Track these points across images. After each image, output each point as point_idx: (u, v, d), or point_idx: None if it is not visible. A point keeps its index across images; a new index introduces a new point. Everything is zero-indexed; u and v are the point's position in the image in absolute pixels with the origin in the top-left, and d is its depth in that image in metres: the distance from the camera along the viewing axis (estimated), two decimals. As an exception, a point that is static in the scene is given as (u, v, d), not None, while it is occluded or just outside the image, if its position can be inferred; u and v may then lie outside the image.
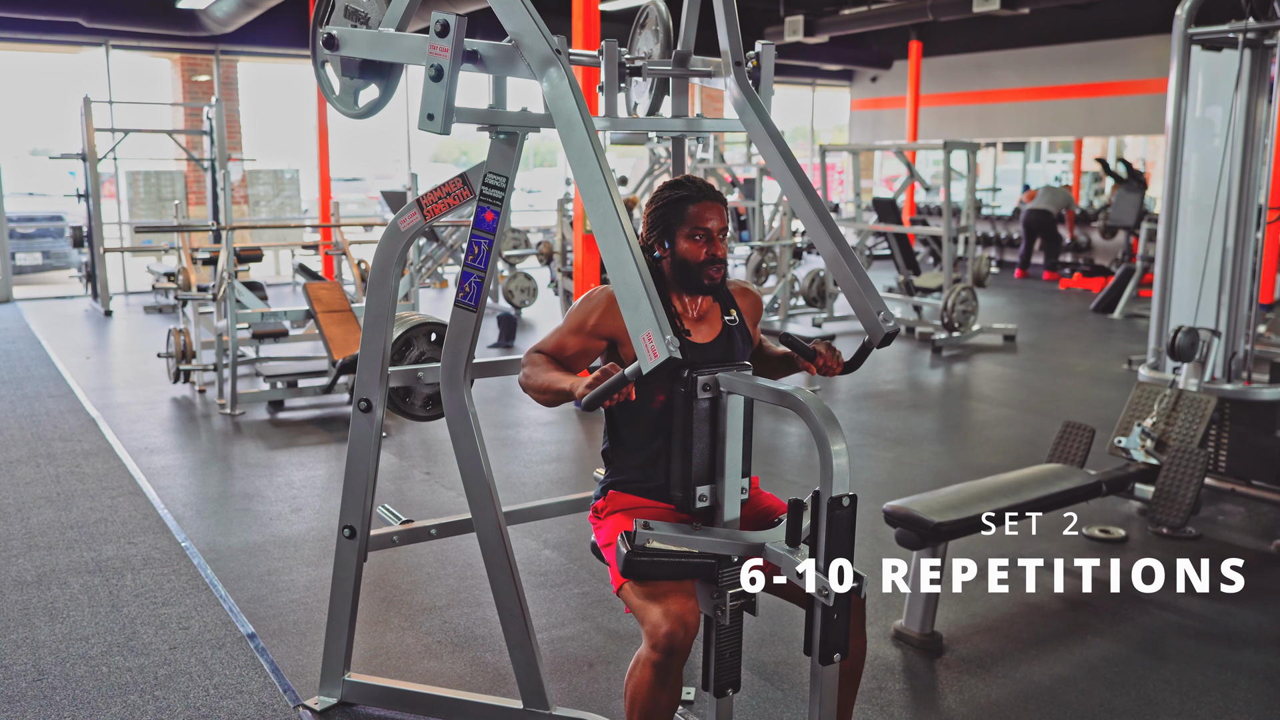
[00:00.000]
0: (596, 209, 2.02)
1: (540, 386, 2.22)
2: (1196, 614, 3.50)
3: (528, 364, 2.29)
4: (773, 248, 9.53)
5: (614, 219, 1.98)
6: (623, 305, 1.94)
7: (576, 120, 2.08)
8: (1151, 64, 12.94)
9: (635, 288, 1.92)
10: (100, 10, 10.76)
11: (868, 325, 2.23)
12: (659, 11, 2.82)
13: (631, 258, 1.94)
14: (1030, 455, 5.28)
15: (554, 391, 2.19)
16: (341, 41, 2.47)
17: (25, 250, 13.21)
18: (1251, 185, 4.65)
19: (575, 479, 5.07)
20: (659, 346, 1.86)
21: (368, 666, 3.07)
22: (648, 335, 1.88)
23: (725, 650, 2.17)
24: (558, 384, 2.18)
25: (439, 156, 26.93)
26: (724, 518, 2.21)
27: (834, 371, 2.32)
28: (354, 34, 2.46)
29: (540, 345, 2.32)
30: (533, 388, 2.24)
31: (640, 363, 1.89)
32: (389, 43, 2.38)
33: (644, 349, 1.88)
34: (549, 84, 2.14)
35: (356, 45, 2.46)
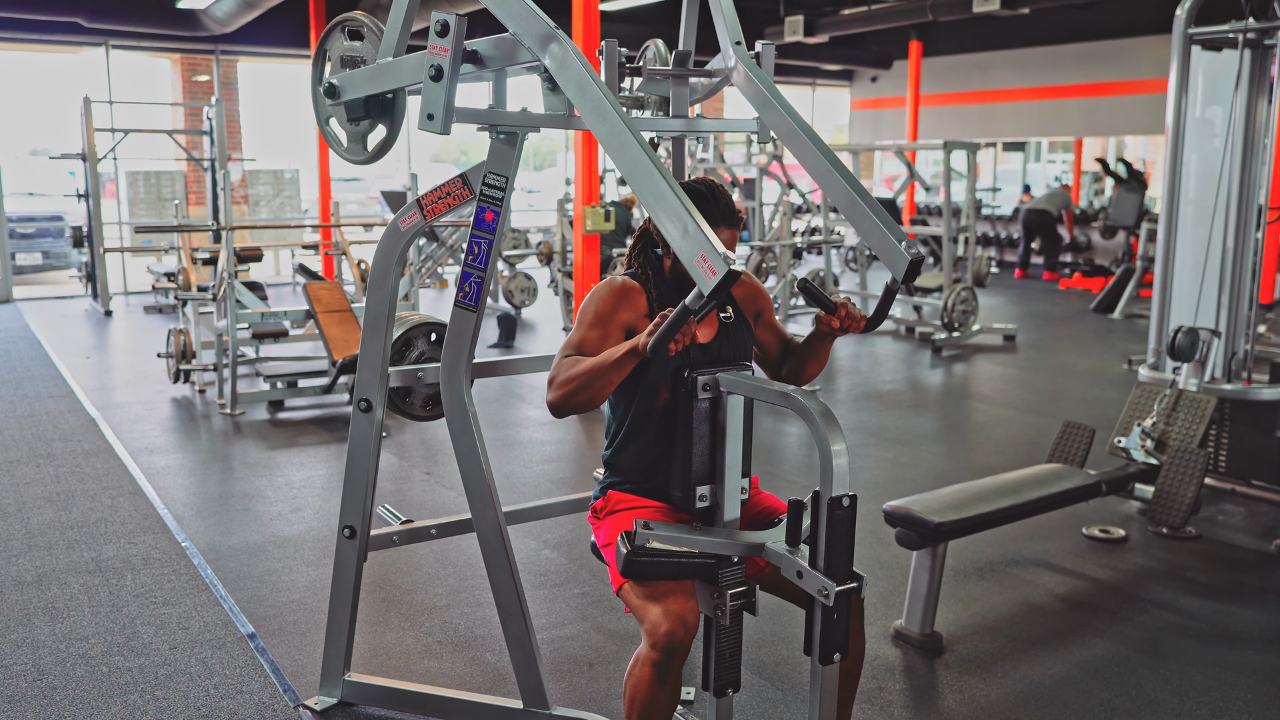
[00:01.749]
0: (625, 155, 1.98)
1: (585, 372, 2.09)
2: (1196, 614, 3.50)
3: (559, 371, 2.16)
4: (773, 248, 9.53)
5: (645, 160, 1.94)
6: (670, 237, 1.87)
7: (588, 81, 2.07)
8: (1151, 64, 12.95)
9: (679, 214, 1.87)
10: (100, 10, 10.77)
11: (888, 259, 2.02)
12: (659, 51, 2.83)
13: (670, 190, 1.89)
14: (1030, 455, 5.28)
15: (606, 367, 2.06)
16: (343, 88, 2.49)
17: (25, 250, 13.22)
18: (1251, 185, 4.66)
19: (575, 479, 5.08)
20: (716, 264, 1.79)
21: (368, 666, 3.07)
22: (702, 256, 1.81)
23: (725, 650, 2.17)
24: (608, 358, 2.06)
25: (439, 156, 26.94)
26: (724, 518, 2.21)
27: (857, 327, 2.19)
28: (353, 76, 2.48)
29: (564, 352, 2.21)
30: (575, 380, 2.10)
31: (700, 286, 1.82)
32: (389, 71, 2.39)
33: (701, 272, 1.81)
34: (552, 58, 2.13)
35: (357, 85, 2.47)
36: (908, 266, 2.00)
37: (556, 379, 2.15)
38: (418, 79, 2.27)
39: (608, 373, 2.07)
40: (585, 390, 2.10)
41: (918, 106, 14.73)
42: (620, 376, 2.08)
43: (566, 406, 2.14)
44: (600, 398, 2.11)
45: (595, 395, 2.11)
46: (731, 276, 1.78)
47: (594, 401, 2.12)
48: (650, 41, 2.87)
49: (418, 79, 2.27)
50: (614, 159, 2.02)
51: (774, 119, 2.29)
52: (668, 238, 1.89)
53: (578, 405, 2.13)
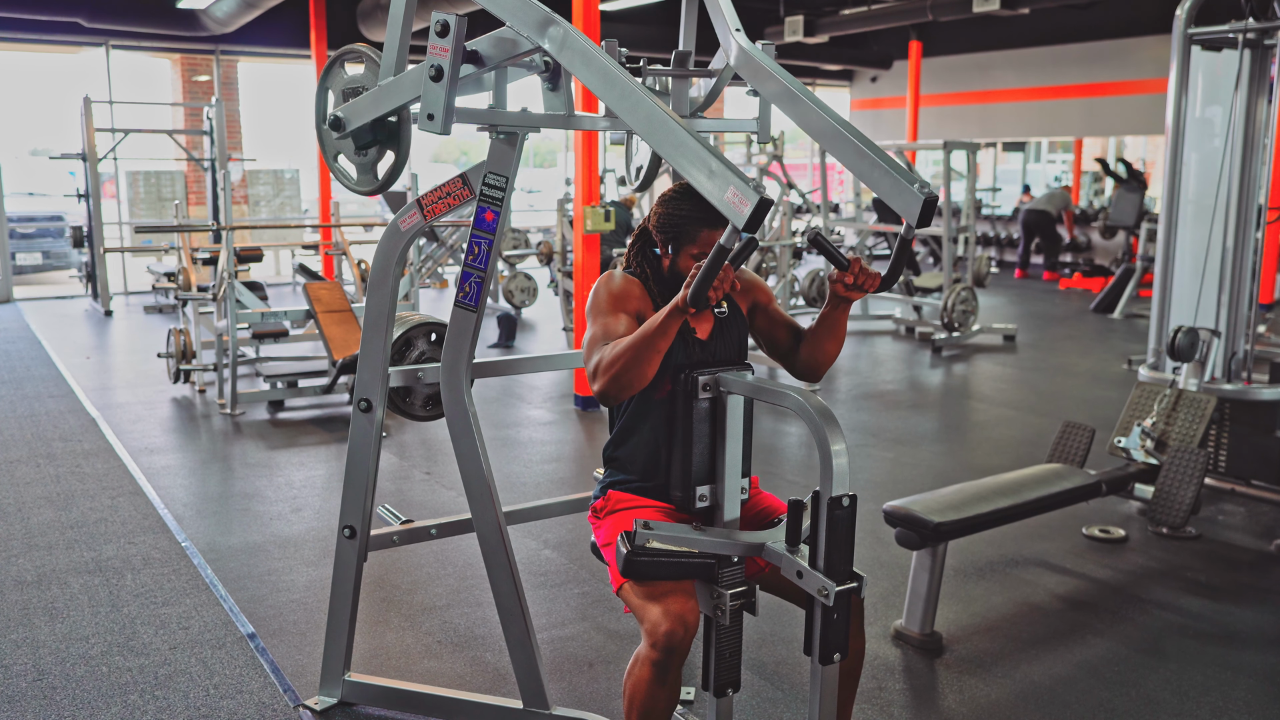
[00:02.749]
0: (640, 113, 1.97)
1: (630, 349, 2.01)
2: (1196, 614, 3.50)
3: (602, 358, 2.07)
4: (773, 248, 9.53)
5: (659, 114, 1.93)
6: (696, 180, 1.86)
7: (592, 53, 2.06)
8: (1151, 64, 12.95)
9: (702, 158, 1.86)
10: (100, 10, 10.77)
11: (901, 202, 1.85)
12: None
13: (689, 136, 1.89)
14: (1030, 455, 5.28)
15: (650, 335, 1.99)
16: (347, 119, 2.49)
17: (25, 250, 13.22)
18: (1251, 185, 4.66)
19: (575, 479, 5.08)
20: (745, 195, 1.77)
21: (368, 666, 3.08)
22: (731, 191, 1.79)
23: (725, 650, 2.17)
24: (650, 326, 1.99)
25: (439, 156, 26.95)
26: (724, 518, 2.21)
27: (873, 283, 2.10)
28: (356, 104, 2.49)
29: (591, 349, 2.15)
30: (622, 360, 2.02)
31: (734, 222, 1.80)
32: (391, 89, 2.39)
33: (733, 206, 1.79)
34: (552, 41, 2.12)
35: (362, 112, 2.48)
36: (922, 206, 1.83)
37: (600, 365, 2.07)
38: (420, 91, 2.27)
39: (653, 340, 2.00)
40: (633, 365, 2.02)
41: (918, 106, 14.73)
42: (666, 343, 2.01)
43: (618, 387, 2.05)
44: (649, 371, 2.04)
45: (644, 369, 2.03)
46: (764, 205, 1.74)
47: (644, 376, 2.04)
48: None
49: (420, 91, 2.27)
50: (630, 120, 1.99)
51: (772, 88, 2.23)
52: (694, 183, 1.86)
53: (628, 384, 2.05)
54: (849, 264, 2.09)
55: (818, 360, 2.29)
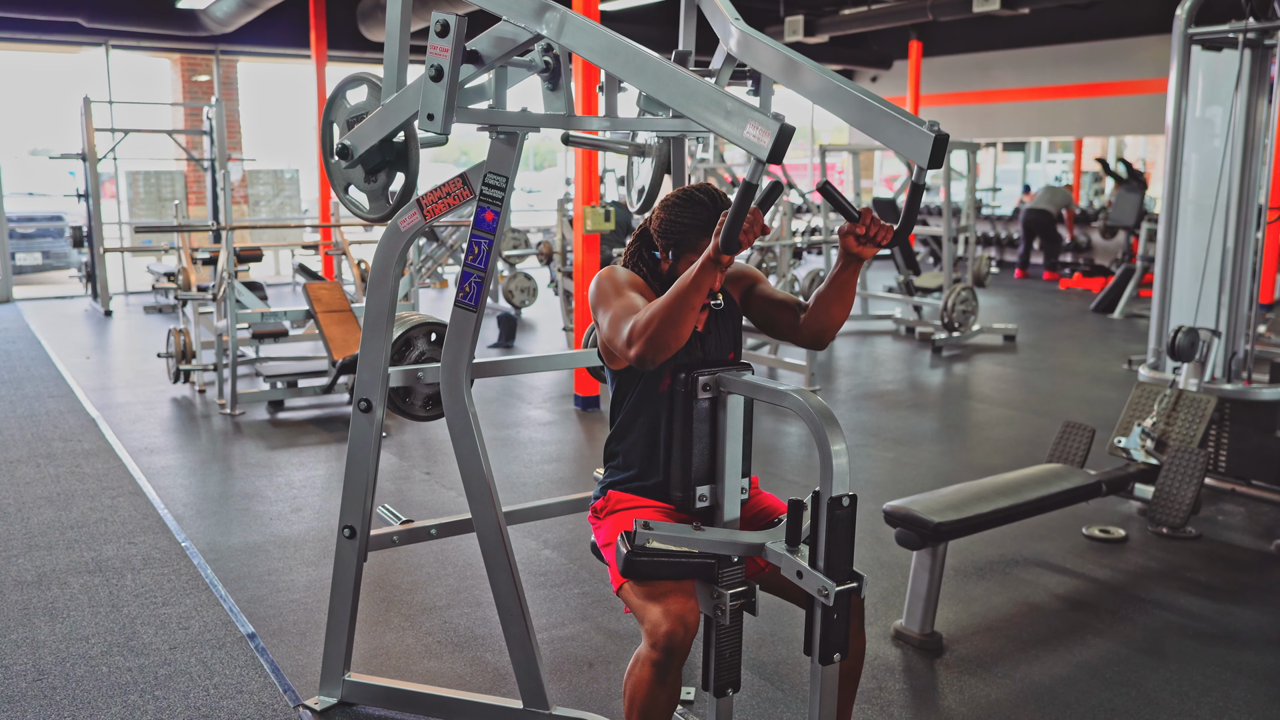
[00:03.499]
0: (649, 70, 1.97)
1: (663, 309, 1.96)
2: (1196, 614, 3.50)
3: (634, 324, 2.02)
4: (773, 248, 9.53)
5: (667, 68, 1.94)
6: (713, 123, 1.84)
7: (591, 26, 2.06)
8: (1151, 64, 12.94)
9: (715, 100, 1.85)
10: (100, 10, 10.77)
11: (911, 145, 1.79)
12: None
13: (699, 83, 1.88)
14: (1030, 455, 5.28)
15: (684, 291, 1.94)
16: (354, 146, 2.50)
17: (25, 250, 13.22)
18: (1251, 185, 4.66)
19: (575, 479, 5.08)
20: (766, 125, 1.76)
21: (368, 666, 3.07)
22: (750, 125, 1.78)
23: (725, 650, 2.17)
24: (683, 282, 1.94)
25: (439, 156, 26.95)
26: (724, 518, 2.21)
27: (886, 235, 2.01)
28: (360, 130, 2.49)
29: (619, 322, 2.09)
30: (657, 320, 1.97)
31: (757, 154, 1.77)
32: (395, 106, 2.40)
33: (754, 138, 1.77)
34: (549, 25, 2.12)
35: (368, 136, 2.48)
36: (932, 144, 1.77)
37: (635, 330, 2.01)
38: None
39: (687, 297, 1.95)
40: (669, 324, 1.96)
41: (918, 106, 14.71)
42: (700, 299, 1.95)
43: (654, 349, 1.99)
44: (685, 331, 1.98)
45: (680, 328, 1.97)
46: (785, 133, 1.72)
47: (680, 336, 1.98)
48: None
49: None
50: (639, 81, 1.99)
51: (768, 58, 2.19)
52: (713, 127, 1.84)
53: (664, 344, 1.99)
54: (860, 215, 2.00)
55: (824, 325, 2.22)
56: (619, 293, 2.15)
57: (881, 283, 11.22)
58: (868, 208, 2.03)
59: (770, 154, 1.75)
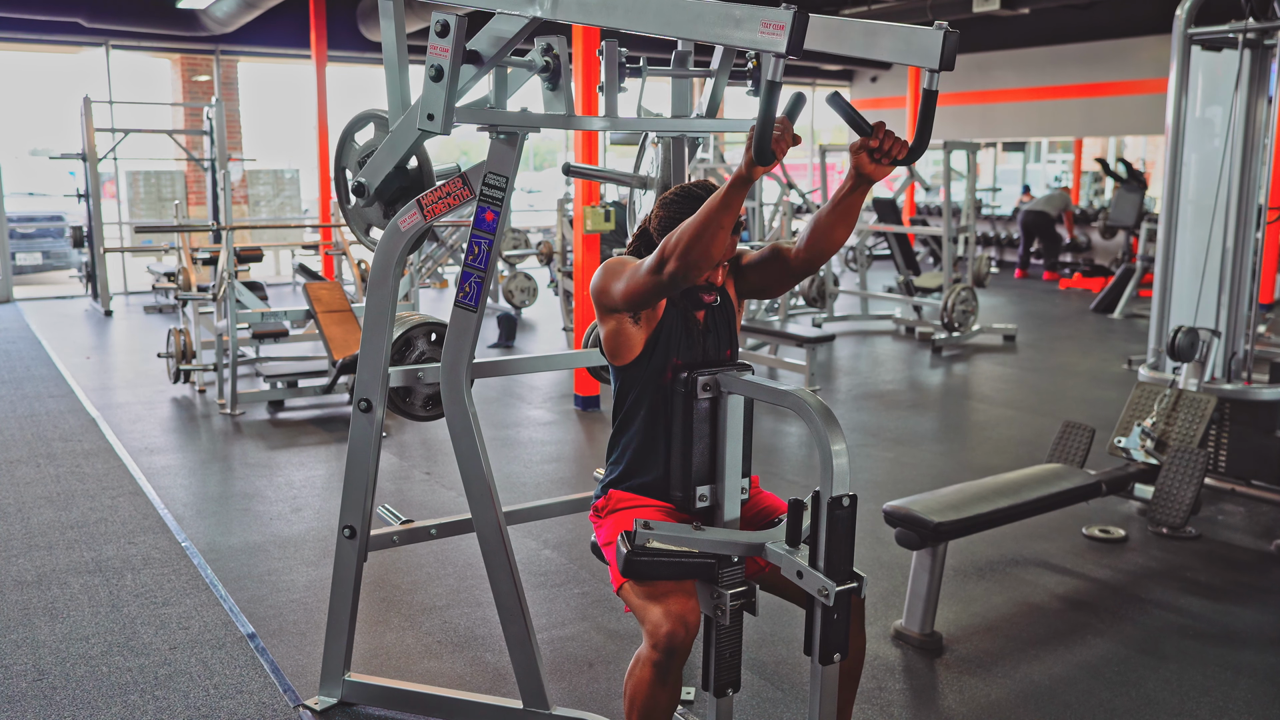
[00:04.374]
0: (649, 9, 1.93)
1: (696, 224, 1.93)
2: (1196, 614, 3.50)
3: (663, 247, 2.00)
4: (773, 248, 9.52)
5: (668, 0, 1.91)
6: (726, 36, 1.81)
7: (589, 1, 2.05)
8: (1151, 64, 12.94)
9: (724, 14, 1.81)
10: (100, 10, 10.77)
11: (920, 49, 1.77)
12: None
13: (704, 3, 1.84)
14: (1030, 455, 5.28)
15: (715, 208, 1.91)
16: (369, 182, 2.52)
17: (25, 250, 13.22)
18: (1251, 185, 4.66)
19: (575, 479, 5.07)
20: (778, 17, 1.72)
21: (368, 666, 3.08)
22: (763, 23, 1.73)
23: (725, 650, 2.17)
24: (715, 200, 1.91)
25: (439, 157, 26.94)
26: (724, 517, 2.21)
27: (900, 150, 1.93)
28: (373, 163, 2.51)
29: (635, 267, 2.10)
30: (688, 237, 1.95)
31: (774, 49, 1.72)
32: (403, 130, 2.41)
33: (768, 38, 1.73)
34: (540, 4, 2.11)
35: (381, 166, 2.50)
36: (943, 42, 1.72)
37: (667, 247, 1.99)
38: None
39: (718, 215, 1.91)
40: (700, 239, 1.93)
41: (918, 106, 14.73)
42: (731, 218, 1.91)
43: (688, 264, 1.97)
44: (716, 249, 1.95)
45: (712, 245, 1.93)
46: (801, 19, 1.68)
47: (711, 254, 1.95)
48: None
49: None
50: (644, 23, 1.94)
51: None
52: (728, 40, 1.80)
53: (696, 260, 1.96)
54: (873, 129, 1.91)
55: (824, 247, 2.14)
56: (630, 263, 2.15)
57: (881, 283, 11.21)
58: (880, 121, 1.92)
59: (789, 45, 1.69)
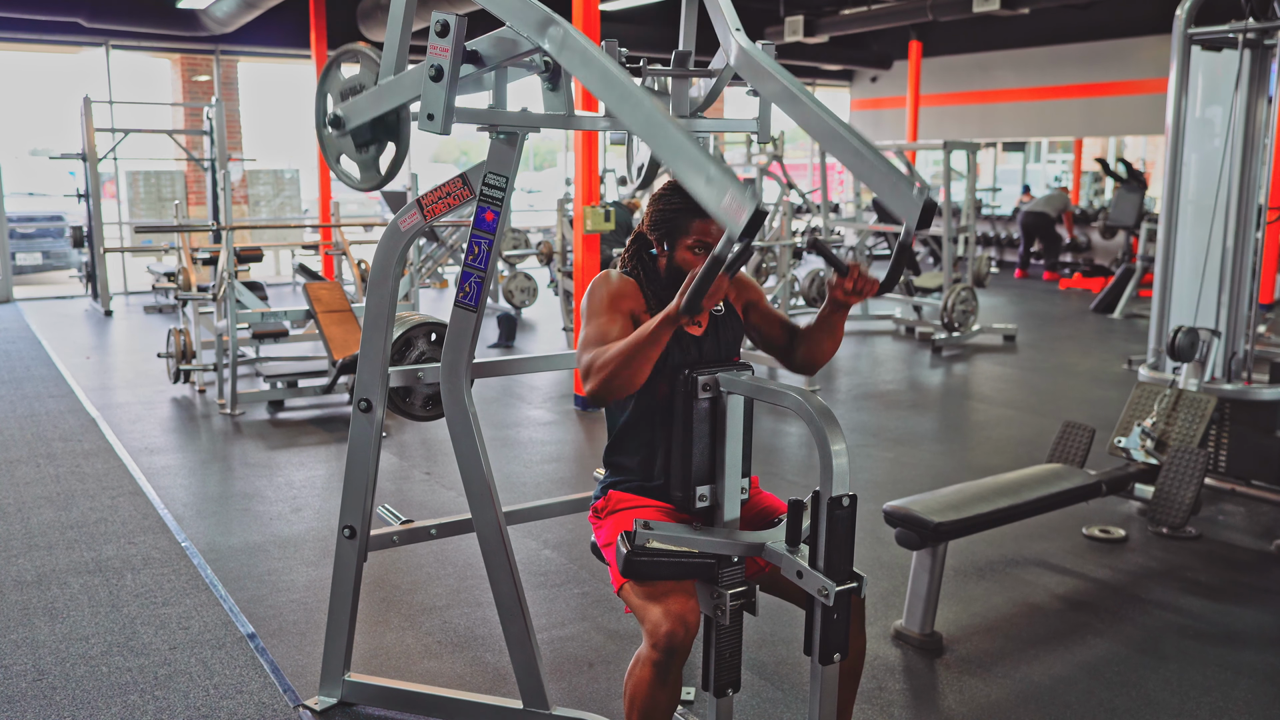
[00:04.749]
0: (638, 115, 1.96)
1: (621, 354, 2.03)
2: (1196, 614, 3.50)
3: (593, 359, 2.09)
4: (773, 248, 9.53)
5: (658, 117, 1.92)
6: (693, 187, 1.83)
7: (591, 54, 2.05)
8: (1151, 64, 12.94)
9: (699, 163, 1.83)
10: (100, 10, 10.76)
11: (900, 205, 1.91)
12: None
13: (687, 141, 1.87)
14: (1030, 455, 5.28)
15: (642, 341, 2.01)
16: (347, 118, 2.50)
17: (25, 250, 13.21)
18: (1251, 185, 4.65)
19: (575, 479, 5.08)
20: (743, 202, 1.75)
21: (368, 666, 3.07)
22: (728, 198, 1.76)
23: (725, 650, 2.17)
24: (642, 333, 2.00)
25: (439, 156, 26.95)
26: (724, 518, 2.21)
27: (871, 289, 2.13)
28: (355, 103, 2.49)
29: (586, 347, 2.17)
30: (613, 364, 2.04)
31: (729, 230, 1.77)
32: (391, 89, 2.40)
33: (729, 214, 1.77)
34: (551, 41, 2.12)
35: (362, 110, 2.48)
36: (921, 210, 1.88)
37: (592, 366, 2.09)
38: (420, 91, 2.27)
39: (644, 349, 2.01)
40: (624, 369, 2.03)
41: (918, 106, 14.72)
42: (657, 351, 2.02)
43: (608, 390, 2.07)
44: (639, 377, 2.05)
45: (635, 374, 2.04)
46: (759, 215, 1.73)
47: (634, 381, 2.05)
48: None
49: (420, 91, 2.27)
50: (628, 122, 1.99)
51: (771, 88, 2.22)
52: (691, 189, 1.84)
53: (619, 387, 2.06)
54: (848, 269, 2.12)
55: (814, 358, 2.35)
56: (599, 311, 2.21)
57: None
58: (856, 262, 2.14)
59: (743, 232, 1.76)
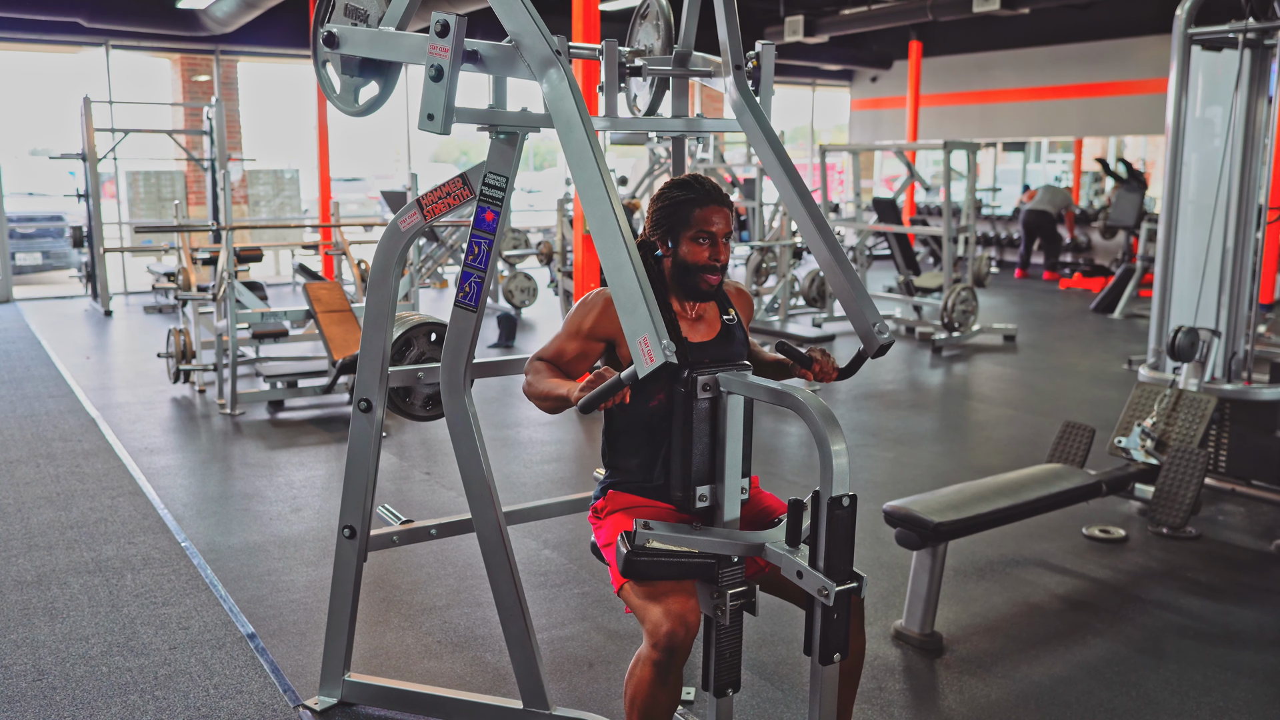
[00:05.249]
0: (595, 211, 2.02)
1: (540, 394, 2.24)
2: (1196, 614, 3.50)
3: (530, 371, 2.31)
4: (773, 248, 9.53)
5: (612, 222, 1.98)
6: (620, 309, 1.94)
7: (576, 122, 2.09)
8: (1151, 64, 12.95)
9: (633, 291, 1.92)
10: (100, 10, 10.77)
11: (863, 335, 2.27)
12: (660, 6, 2.82)
13: (629, 261, 1.94)
14: (1030, 455, 5.28)
15: (553, 399, 2.20)
16: (342, 40, 2.48)
17: (25, 250, 13.21)
18: (1251, 185, 4.65)
19: (575, 479, 5.08)
20: (655, 351, 1.86)
21: (368, 666, 3.08)
22: (644, 340, 1.88)
23: (725, 650, 2.17)
24: (555, 390, 2.19)
25: (439, 156, 26.95)
26: (724, 518, 2.21)
27: (830, 378, 2.38)
28: (354, 32, 2.47)
29: (541, 353, 2.34)
30: (534, 395, 2.26)
31: (636, 367, 1.89)
32: (389, 41, 2.38)
33: (640, 353, 1.88)
34: (549, 85, 2.15)
35: (357, 43, 2.46)
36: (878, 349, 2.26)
37: (529, 376, 2.30)
38: (416, 60, 2.28)
39: (555, 401, 2.19)
40: (541, 404, 2.24)
41: (918, 106, 14.73)
42: (564, 407, 2.17)
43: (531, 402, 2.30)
44: (555, 413, 2.27)
45: (550, 410, 2.24)
46: (666, 368, 1.85)
47: (551, 413, 2.27)
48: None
49: (416, 60, 2.28)
50: (585, 210, 2.07)
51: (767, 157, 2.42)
52: (619, 309, 1.95)
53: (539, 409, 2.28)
54: (811, 362, 2.36)
55: None
56: (567, 334, 2.33)
57: (881, 283, 11.21)
58: (821, 350, 2.38)
59: (646, 376, 1.88)
